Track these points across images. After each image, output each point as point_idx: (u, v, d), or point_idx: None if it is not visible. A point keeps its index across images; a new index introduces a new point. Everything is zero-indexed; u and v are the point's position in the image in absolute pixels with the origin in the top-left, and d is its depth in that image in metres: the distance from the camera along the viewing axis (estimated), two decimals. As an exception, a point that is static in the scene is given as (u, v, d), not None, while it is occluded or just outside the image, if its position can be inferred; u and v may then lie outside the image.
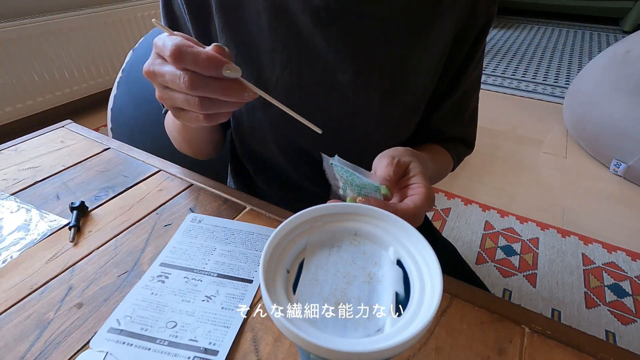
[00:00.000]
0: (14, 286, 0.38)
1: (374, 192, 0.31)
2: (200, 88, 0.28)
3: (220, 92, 0.29)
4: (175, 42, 0.27)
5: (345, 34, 0.42)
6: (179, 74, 0.28)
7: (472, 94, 0.53)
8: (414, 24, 0.42)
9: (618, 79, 1.66)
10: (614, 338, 1.03)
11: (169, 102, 0.31)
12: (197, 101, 0.29)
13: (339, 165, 0.31)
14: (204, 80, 0.28)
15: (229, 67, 0.28)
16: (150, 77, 0.30)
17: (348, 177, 0.31)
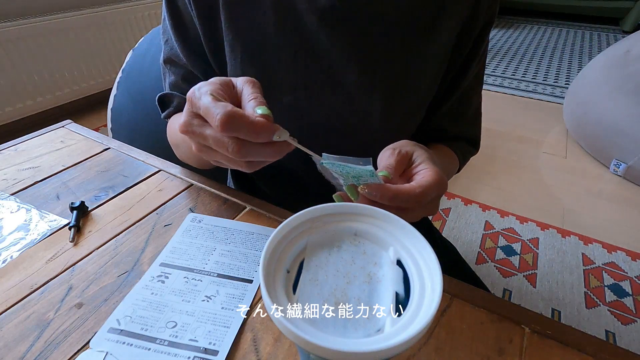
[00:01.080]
0: (14, 286, 0.38)
1: (372, 178, 0.30)
2: (248, 155, 0.28)
3: (270, 156, 0.29)
4: (225, 111, 0.26)
5: (350, 34, 0.42)
6: (225, 141, 0.27)
7: (474, 92, 0.53)
8: (419, 24, 0.43)
9: (618, 79, 1.66)
10: (614, 338, 1.03)
11: (209, 157, 0.31)
12: (243, 163, 0.30)
13: (330, 163, 0.30)
14: (254, 148, 0.28)
15: (279, 134, 0.28)
16: (188, 135, 0.30)
17: (342, 170, 0.30)
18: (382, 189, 0.29)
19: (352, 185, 0.31)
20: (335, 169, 0.31)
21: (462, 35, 0.45)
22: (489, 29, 0.47)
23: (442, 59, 0.46)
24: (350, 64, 0.43)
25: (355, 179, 0.31)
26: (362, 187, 0.30)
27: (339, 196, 0.32)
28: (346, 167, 0.30)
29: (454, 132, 0.55)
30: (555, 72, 2.76)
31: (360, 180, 0.31)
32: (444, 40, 0.45)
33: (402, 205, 0.30)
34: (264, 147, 0.28)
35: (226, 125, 0.26)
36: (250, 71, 0.44)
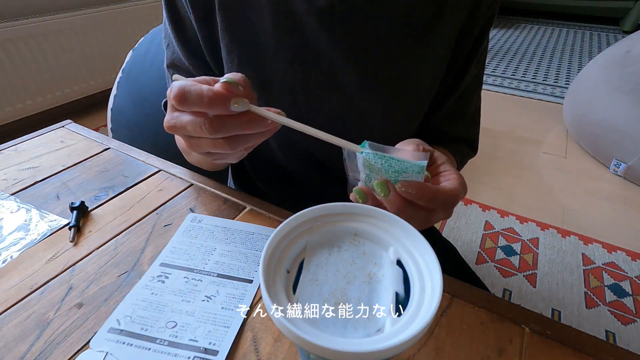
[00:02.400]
0: (14, 286, 0.38)
1: (416, 174, 0.28)
2: (221, 129, 0.28)
3: (242, 128, 0.28)
4: (178, 85, 0.27)
5: (349, 35, 0.42)
6: (199, 122, 0.28)
7: (473, 93, 0.53)
8: (418, 25, 0.42)
9: (618, 79, 1.66)
10: (614, 338, 1.03)
11: (198, 149, 0.31)
12: (223, 142, 0.29)
13: (371, 153, 0.28)
14: (222, 121, 0.28)
15: (236, 101, 0.27)
16: (173, 131, 0.30)
17: (384, 163, 0.28)
18: (423, 188, 0.28)
19: (384, 180, 0.29)
20: (375, 160, 0.28)
21: (461, 35, 0.45)
22: (489, 28, 0.47)
23: (442, 59, 0.46)
24: (350, 65, 0.43)
25: (396, 174, 0.28)
26: (401, 184, 0.28)
27: (361, 191, 0.30)
28: (391, 160, 0.28)
29: (452, 133, 0.55)
30: (555, 72, 2.76)
31: (402, 176, 0.28)
32: (444, 40, 0.44)
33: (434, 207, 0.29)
34: (232, 119, 0.28)
35: (179, 98, 0.27)
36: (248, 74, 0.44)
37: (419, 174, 0.28)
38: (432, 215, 0.30)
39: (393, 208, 0.29)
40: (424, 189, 0.28)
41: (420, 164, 0.28)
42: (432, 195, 0.28)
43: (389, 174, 0.29)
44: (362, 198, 0.30)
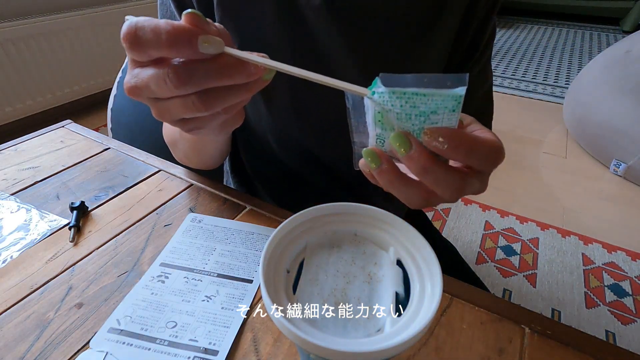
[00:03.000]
0: (14, 286, 0.38)
1: (449, 114, 0.20)
2: (190, 79, 0.22)
3: (217, 76, 0.22)
4: (128, 23, 0.21)
5: (349, 31, 0.42)
6: (161, 73, 0.22)
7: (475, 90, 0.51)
8: (419, 21, 0.42)
9: (618, 79, 1.66)
10: (614, 338, 1.03)
11: (168, 116, 0.25)
12: (195, 100, 0.23)
13: (386, 92, 0.20)
14: (191, 69, 0.22)
15: (205, 39, 0.21)
16: (135, 94, 0.24)
17: (404, 105, 0.20)
18: (458, 135, 0.21)
19: (403, 133, 0.22)
20: (393, 103, 0.21)
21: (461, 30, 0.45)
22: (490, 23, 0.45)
23: (443, 56, 0.46)
24: (349, 62, 0.43)
25: (422, 118, 0.21)
26: (428, 130, 0.21)
27: (373, 152, 0.23)
28: (415, 97, 0.20)
29: None
30: (555, 72, 2.76)
31: (430, 119, 0.21)
32: (445, 36, 0.44)
33: (471, 164, 0.22)
34: (204, 67, 0.22)
35: (130, 37, 0.21)
36: None
37: (453, 114, 0.20)
38: (467, 180, 0.23)
39: (417, 167, 0.22)
40: (459, 136, 0.21)
41: (454, 93, 0.19)
42: (470, 146, 0.21)
43: (411, 122, 0.21)
44: (375, 161, 0.23)
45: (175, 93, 0.23)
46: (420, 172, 0.22)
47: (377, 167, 0.23)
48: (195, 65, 0.22)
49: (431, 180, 0.22)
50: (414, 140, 0.22)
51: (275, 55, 0.43)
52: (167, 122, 0.26)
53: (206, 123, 0.26)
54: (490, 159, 0.22)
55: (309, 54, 0.43)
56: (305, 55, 0.43)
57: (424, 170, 0.22)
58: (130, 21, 0.22)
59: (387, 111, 0.21)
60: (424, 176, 0.22)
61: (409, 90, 0.20)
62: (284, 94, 0.45)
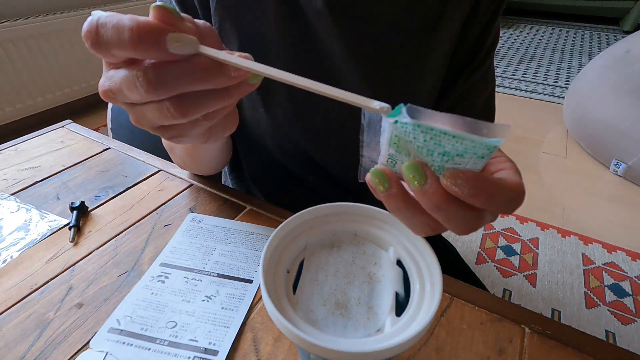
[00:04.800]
0: (14, 286, 0.38)
1: (476, 160, 0.19)
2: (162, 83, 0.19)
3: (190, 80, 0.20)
4: (89, 19, 0.19)
5: (350, 34, 0.41)
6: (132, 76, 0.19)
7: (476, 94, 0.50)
8: (419, 26, 0.42)
9: (618, 79, 1.66)
10: (614, 338, 1.03)
11: (145, 123, 0.23)
12: (169, 106, 0.21)
13: (410, 124, 0.18)
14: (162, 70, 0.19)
15: (175, 38, 0.19)
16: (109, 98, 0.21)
17: (428, 140, 0.19)
18: (482, 182, 0.19)
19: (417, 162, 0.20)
20: (416, 136, 0.19)
21: (462, 34, 0.45)
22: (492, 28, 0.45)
23: (444, 60, 0.46)
24: (350, 66, 0.43)
25: (445, 157, 0.19)
26: (449, 174, 0.19)
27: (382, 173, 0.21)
28: (443, 136, 0.18)
29: None
30: (555, 72, 2.76)
31: (454, 160, 0.19)
32: (446, 40, 0.44)
33: (490, 209, 0.21)
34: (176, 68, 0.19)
35: (90, 35, 0.19)
36: None
37: (481, 160, 0.19)
38: (480, 217, 0.21)
39: (429, 203, 0.20)
40: (482, 182, 0.19)
41: (488, 143, 0.18)
42: (492, 193, 0.19)
43: (431, 158, 0.19)
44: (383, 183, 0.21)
45: (148, 98, 0.20)
46: (432, 209, 0.20)
47: (385, 190, 0.21)
48: (168, 67, 0.20)
49: (443, 217, 0.20)
50: (430, 173, 0.20)
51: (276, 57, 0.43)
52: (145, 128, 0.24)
53: (187, 131, 0.24)
54: (511, 206, 0.20)
55: (310, 56, 0.43)
56: (306, 57, 0.43)
57: (436, 208, 0.20)
58: (92, 17, 0.19)
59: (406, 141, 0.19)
60: (436, 213, 0.20)
61: (437, 128, 0.18)
62: (283, 97, 0.45)
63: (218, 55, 0.20)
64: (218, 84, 0.21)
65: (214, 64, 0.20)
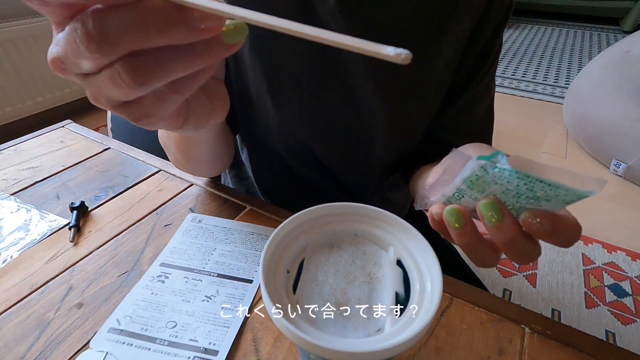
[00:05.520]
0: (14, 286, 0.38)
1: (560, 204, 0.20)
2: (105, 36, 0.15)
3: (138, 30, 0.15)
4: None
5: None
6: (72, 31, 0.15)
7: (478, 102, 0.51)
8: (429, 29, 0.42)
9: (618, 79, 1.66)
10: (614, 338, 1.03)
11: (103, 100, 0.19)
12: (120, 70, 0.16)
13: (508, 170, 0.19)
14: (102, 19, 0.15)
15: None
16: (59, 68, 0.17)
17: (521, 186, 0.20)
18: (559, 221, 0.20)
19: (497, 202, 0.21)
20: (510, 181, 0.20)
21: (470, 41, 0.45)
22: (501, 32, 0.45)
23: (451, 65, 0.46)
24: (358, 68, 0.43)
25: (532, 200, 0.21)
26: (530, 213, 0.21)
27: (458, 213, 0.22)
28: (538, 184, 0.19)
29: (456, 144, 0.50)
30: (555, 72, 2.76)
31: (539, 203, 0.21)
32: (454, 45, 0.44)
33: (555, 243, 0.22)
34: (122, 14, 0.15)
35: None
36: (257, 62, 0.43)
37: (564, 205, 0.20)
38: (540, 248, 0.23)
39: (503, 238, 0.22)
40: (560, 223, 0.20)
41: (582, 193, 0.19)
42: (564, 231, 0.21)
43: (515, 199, 0.21)
44: (459, 221, 0.22)
45: (93, 59, 0.16)
46: (504, 243, 0.22)
47: (460, 228, 0.22)
48: (111, 14, 0.15)
49: (512, 250, 0.22)
50: (507, 211, 0.21)
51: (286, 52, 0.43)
52: (105, 107, 0.19)
53: (153, 108, 0.19)
54: (574, 240, 0.22)
55: (320, 55, 0.42)
56: (316, 55, 0.43)
57: (509, 242, 0.22)
58: None
59: (495, 183, 0.21)
60: (506, 246, 0.22)
61: (534, 176, 0.19)
62: (293, 93, 0.45)
63: None
64: (179, 38, 0.16)
65: (172, 9, 0.15)
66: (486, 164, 0.20)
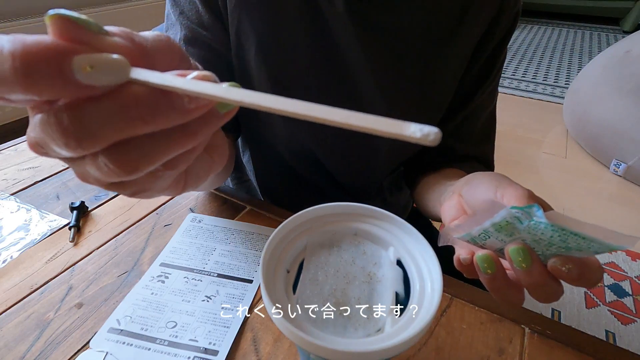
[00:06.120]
0: (14, 286, 0.38)
1: (590, 254, 0.21)
2: (84, 131, 0.13)
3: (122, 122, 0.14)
4: None
5: (367, 42, 0.41)
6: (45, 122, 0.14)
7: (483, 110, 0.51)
8: (436, 38, 0.42)
9: (618, 79, 1.66)
10: (614, 338, 1.03)
11: (93, 181, 0.17)
12: (106, 161, 0.15)
13: (544, 224, 0.20)
14: (79, 113, 0.13)
15: (86, 61, 0.13)
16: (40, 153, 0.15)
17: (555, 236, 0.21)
18: (587, 267, 0.21)
19: (527, 248, 0.22)
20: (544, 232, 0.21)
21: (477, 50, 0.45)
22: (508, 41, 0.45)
23: (457, 73, 0.46)
24: (365, 74, 0.42)
25: (563, 250, 0.21)
26: (560, 260, 0.22)
27: (490, 259, 0.23)
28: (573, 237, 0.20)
29: (460, 151, 0.51)
30: (555, 72, 2.76)
31: (570, 252, 0.22)
32: (461, 54, 0.44)
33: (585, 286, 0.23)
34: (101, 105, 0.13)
35: None
36: (263, 66, 0.42)
37: (594, 254, 0.21)
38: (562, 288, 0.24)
39: (531, 282, 0.22)
40: (587, 268, 0.21)
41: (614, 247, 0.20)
42: (590, 275, 0.22)
43: (546, 248, 0.22)
44: (491, 268, 0.23)
45: (72, 152, 0.14)
46: (531, 286, 0.23)
47: (491, 274, 0.23)
48: (88, 107, 0.13)
49: (539, 292, 0.23)
50: (535, 257, 0.22)
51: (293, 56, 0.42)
52: (96, 185, 0.17)
53: (148, 185, 0.17)
54: (596, 283, 0.22)
55: (327, 58, 0.42)
56: (323, 59, 0.42)
57: (536, 285, 0.23)
58: None
59: (528, 233, 0.21)
60: (532, 288, 0.23)
61: (569, 229, 0.20)
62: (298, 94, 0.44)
63: (159, 80, 0.13)
64: (168, 122, 0.14)
65: (156, 93, 0.14)
66: (521, 215, 0.21)
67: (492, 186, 0.27)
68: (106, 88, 0.13)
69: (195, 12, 0.41)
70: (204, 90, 0.13)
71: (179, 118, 0.14)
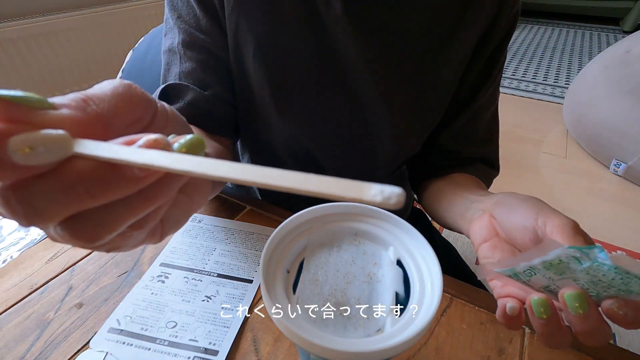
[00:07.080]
0: (14, 286, 0.38)
1: None
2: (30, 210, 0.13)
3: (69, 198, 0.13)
4: None
5: (366, 44, 0.41)
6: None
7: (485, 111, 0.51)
8: (435, 40, 0.42)
9: (618, 79, 1.66)
10: (614, 338, 1.03)
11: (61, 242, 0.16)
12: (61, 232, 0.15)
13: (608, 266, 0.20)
14: (24, 192, 0.13)
15: (22, 141, 0.12)
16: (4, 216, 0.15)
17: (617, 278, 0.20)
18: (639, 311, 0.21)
19: (585, 294, 0.22)
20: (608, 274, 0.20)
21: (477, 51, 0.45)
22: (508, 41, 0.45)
23: (457, 75, 0.46)
24: (364, 76, 0.42)
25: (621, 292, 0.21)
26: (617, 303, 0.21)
27: (546, 302, 0.23)
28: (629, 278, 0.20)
29: (464, 153, 0.51)
30: (555, 72, 2.76)
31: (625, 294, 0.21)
32: (461, 55, 0.44)
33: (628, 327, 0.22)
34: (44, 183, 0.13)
35: None
36: (261, 68, 0.42)
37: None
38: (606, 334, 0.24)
39: (586, 327, 0.22)
40: None
41: None
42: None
43: (602, 289, 0.21)
44: (547, 312, 0.23)
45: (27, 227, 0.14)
46: (587, 331, 0.22)
47: (547, 318, 0.23)
48: (32, 186, 0.13)
49: (594, 336, 0.22)
50: (592, 303, 0.22)
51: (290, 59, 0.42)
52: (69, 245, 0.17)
53: (120, 243, 0.17)
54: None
55: (325, 61, 0.42)
56: (321, 62, 0.42)
57: (592, 330, 0.22)
58: None
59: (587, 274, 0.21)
60: (589, 334, 0.22)
61: (633, 273, 0.20)
62: (298, 103, 0.44)
63: (105, 152, 0.13)
64: (120, 193, 0.14)
65: (103, 166, 0.13)
66: (579, 255, 0.20)
67: (532, 212, 0.26)
68: (50, 165, 0.13)
69: (193, 15, 0.42)
70: (151, 162, 0.12)
71: (131, 187, 0.14)
